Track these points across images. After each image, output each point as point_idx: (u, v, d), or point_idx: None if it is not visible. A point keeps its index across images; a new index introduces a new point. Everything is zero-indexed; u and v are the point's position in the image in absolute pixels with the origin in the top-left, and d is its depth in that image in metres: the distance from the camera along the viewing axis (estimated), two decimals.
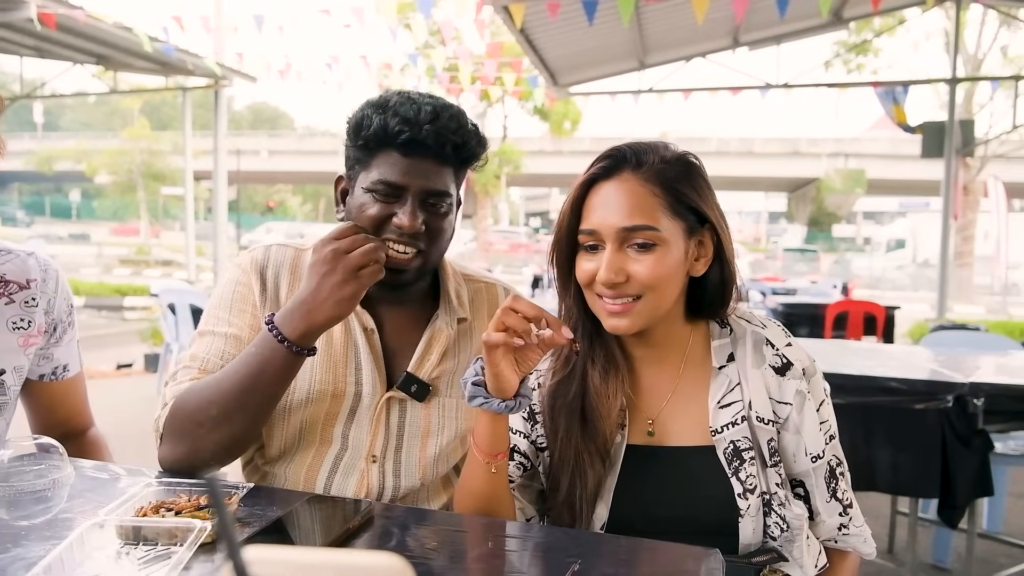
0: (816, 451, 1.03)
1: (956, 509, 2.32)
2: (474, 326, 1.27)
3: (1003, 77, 14.38)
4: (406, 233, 1.12)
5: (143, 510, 0.86)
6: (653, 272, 0.96)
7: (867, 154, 30.36)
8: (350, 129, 1.14)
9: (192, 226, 13.07)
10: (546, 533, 0.91)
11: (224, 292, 1.22)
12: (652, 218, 0.96)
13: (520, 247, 30.73)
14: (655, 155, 1.00)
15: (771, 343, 1.05)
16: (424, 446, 1.22)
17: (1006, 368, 2.66)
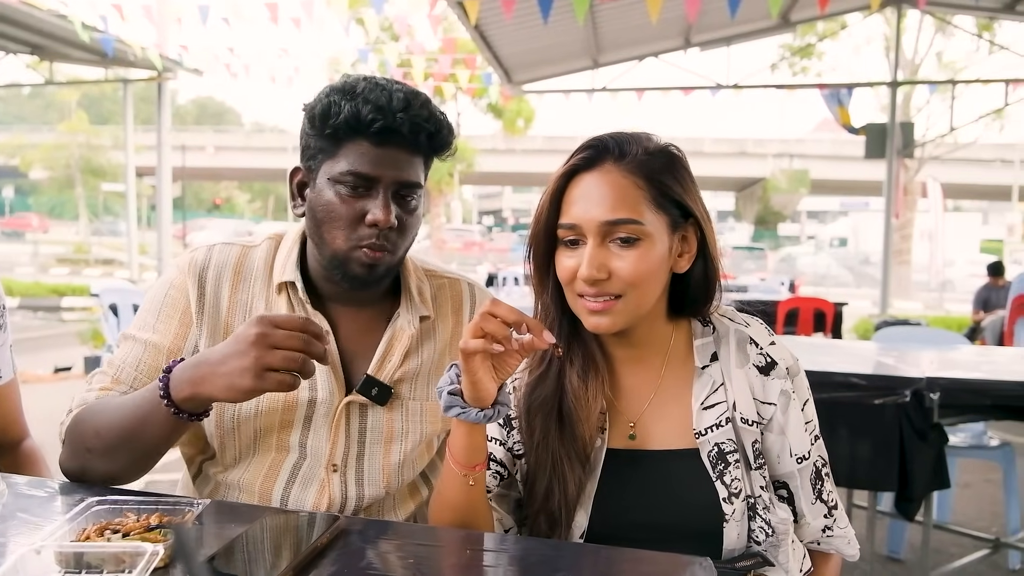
0: (802, 452, 1.01)
1: (913, 502, 2.36)
2: (437, 324, 1.21)
3: (941, 81, 14.96)
4: (380, 229, 1.05)
5: (86, 533, 0.78)
6: (636, 268, 0.92)
7: (811, 155, 31.22)
8: (314, 117, 1.06)
9: (134, 223, 12.61)
10: (526, 545, 0.86)
11: (156, 295, 1.14)
12: (636, 211, 0.92)
13: (474, 245, 30.64)
14: (638, 146, 0.96)
15: (755, 342, 1.01)
16: (387, 452, 1.15)
17: (958, 362, 2.73)
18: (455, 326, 1.22)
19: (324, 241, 1.07)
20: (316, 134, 1.07)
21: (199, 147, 30.57)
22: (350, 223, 1.05)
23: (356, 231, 1.05)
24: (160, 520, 0.82)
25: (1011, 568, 2.87)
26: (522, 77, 10.68)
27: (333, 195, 1.05)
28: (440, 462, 1.27)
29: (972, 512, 3.46)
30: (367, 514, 1.16)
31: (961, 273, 21.02)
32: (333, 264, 1.08)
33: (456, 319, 1.22)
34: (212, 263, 1.15)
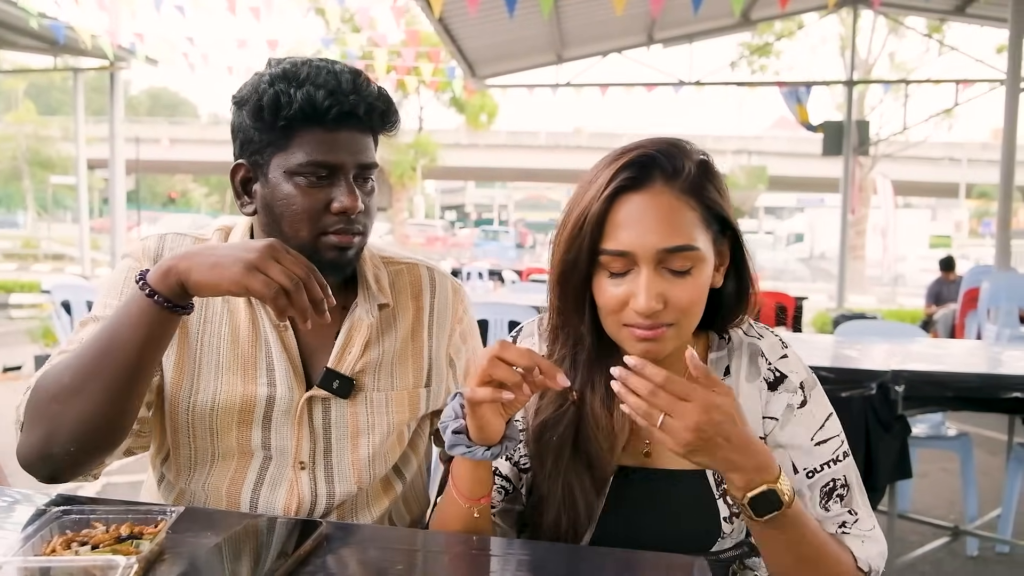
0: (811, 465, 0.94)
1: (876, 491, 2.41)
2: (397, 312, 1.17)
3: (895, 80, 15.36)
4: (348, 216, 1.02)
5: (51, 546, 0.74)
6: (692, 297, 0.86)
7: (768, 152, 31.79)
8: (261, 108, 1.00)
9: (86, 217, 12.21)
10: (526, 549, 0.83)
11: (115, 278, 1.10)
12: (692, 236, 0.85)
13: (437, 240, 30.47)
14: (686, 160, 0.88)
15: (765, 355, 0.97)
16: (356, 447, 1.11)
17: (919, 355, 2.79)
18: (416, 312, 1.18)
19: (287, 236, 1.03)
20: (263, 127, 1.01)
21: (153, 139, 29.76)
22: (315, 214, 1.02)
23: (322, 221, 1.02)
24: (131, 530, 0.78)
25: (969, 555, 2.95)
26: (486, 71, 10.63)
27: (292, 188, 1.01)
28: (413, 454, 1.24)
29: (930, 501, 3.55)
30: (340, 512, 1.13)
31: (912, 268, 21.66)
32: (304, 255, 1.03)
33: (416, 305, 1.19)
34: (166, 249, 1.11)
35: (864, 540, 0.92)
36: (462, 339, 1.23)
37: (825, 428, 0.95)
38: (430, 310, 1.19)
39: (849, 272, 12.51)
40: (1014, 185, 6.63)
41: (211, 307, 1.10)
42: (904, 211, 32.64)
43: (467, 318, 1.25)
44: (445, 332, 1.20)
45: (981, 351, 3.24)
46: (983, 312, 5.99)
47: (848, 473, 0.95)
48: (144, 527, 0.79)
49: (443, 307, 1.20)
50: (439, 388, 1.19)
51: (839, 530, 0.93)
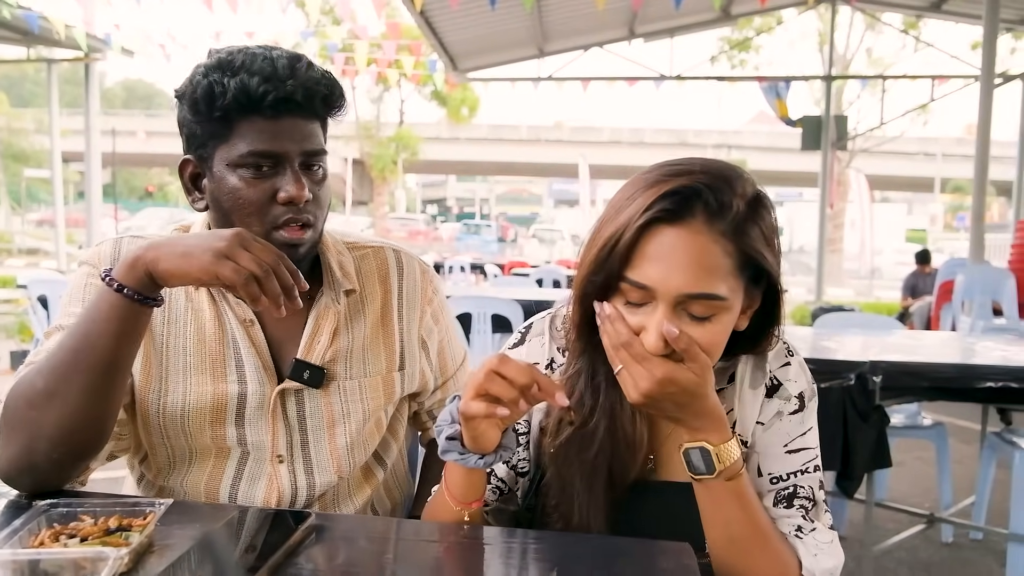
0: (778, 472, 0.92)
1: (854, 480, 2.46)
2: (365, 296, 1.15)
3: (872, 76, 15.53)
4: (296, 205, 0.99)
5: (39, 539, 0.73)
6: (709, 343, 0.81)
7: (748, 146, 32.03)
8: (196, 101, 0.97)
9: (62, 211, 12.01)
10: (519, 538, 0.84)
11: (75, 287, 1.07)
12: (720, 285, 0.79)
13: (419, 234, 30.35)
14: (732, 196, 0.80)
15: (769, 362, 0.94)
16: (332, 436, 1.11)
17: (895, 346, 2.84)
18: (384, 296, 1.17)
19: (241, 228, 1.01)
20: (202, 120, 0.99)
21: (129, 132, 29.32)
22: (262, 206, 0.99)
23: (270, 213, 0.99)
24: (119, 523, 0.78)
25: (944, 541, 3.02)
26: (467, 65, 10.60)
27: (236, 180, 0.99)
28: (392, 440, 1.23)
29: (906, 489, 3.61)
30: (322, 503, 1.13)
31: (889, 261, 21.94)
32: None
33: (384, 288, 1.17)
34: (123, 252, 1.08)
35: (817, 553, 0.87)
36: (434, 320, 1.22)
37: (802, 439, 0.93)
38: (399, 293, 1.18)
39: (827, 265, 12.66)
40: (987, 180, 6.75)
41: (174, 307, 1.07)
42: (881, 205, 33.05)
43: (437, 298, 1.23)
44: (416, 314, 1.19)
45: (956, 342, 3.30)
46: (958, 304, 6.10)
47: (814, 487, 0.92)
48: (133, 520, 0.78)
49: (412, 289, 1.19)
50: (413, 371, 1.18)
51: (793, 533, 0.89)
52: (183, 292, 1.08)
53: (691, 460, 0.84)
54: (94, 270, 1.07)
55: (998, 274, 6.10)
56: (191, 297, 1.08)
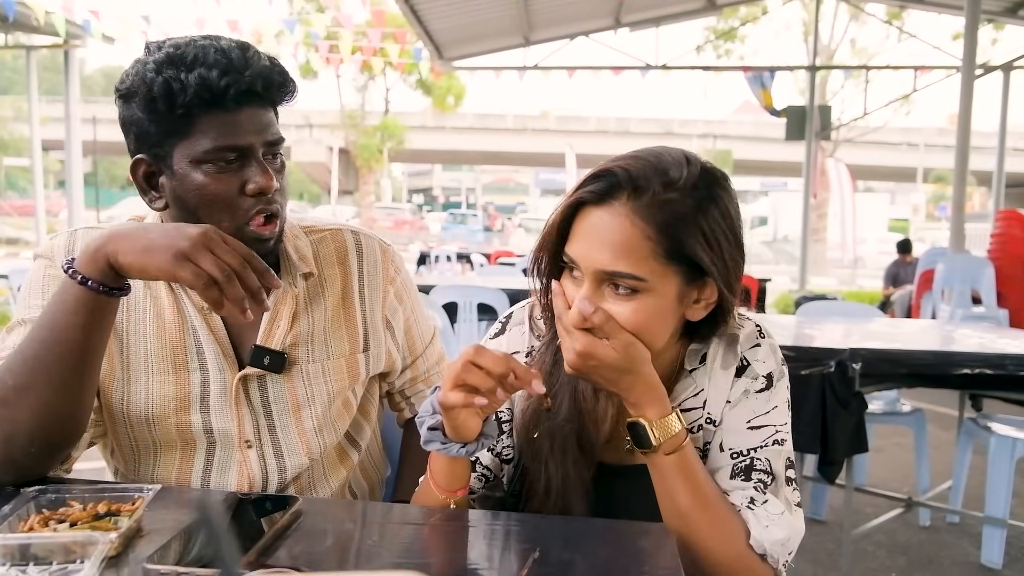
0: (740, 447, 0.93)
1: (835, 465, 2.50)
2: (324, 279, 1.14)
3: (856, 66, 15.63)
4: (265, 196, 0.99)
5: (29, 524, 0.74)
6: (631, 320, 0.84)
7: (733, 136, 32.13)
8: (156, 99, 0.94)
9: (42, 200, 11.85)
10: (501, 520, 0.86)
11: (33, 280, 1.06)
12: (639, 265, 0.82)
13: (405, 224, 30.24)
14: (659, 180, 0.83)
15: (740, 343, 0.96)
16: (299, 420, 1.11)
17: (875, 334, 2.88)
18: (344, 277, 1.16)
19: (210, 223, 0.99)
20: (158, 118, 0.96)
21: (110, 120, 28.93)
22: (231, 200, 0.99)
23: (240, 206, 0.99)
24: (108, 508, 0.79)
25: (922, 525, 3.08)
26: (453, 53, 10.55)
27: (202, 176, 0.97)
28: (364, 421, 1.24)
29: (885, 474, 3.68)
30: (297, 485, 1.14)
31: (871, 250, 22.15)
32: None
33: (343, 270, 1.17)
34: (78, 243, 1.07)
35: (768, 525, 0.88)
36: (397, 299, 1.22)
37: (766, 416, 0.94)
38: (359, 274, 1.17)
39: (811, 255, 12.77)
40: (968, 170, 6.83)
41: (133, 295, 1.07)
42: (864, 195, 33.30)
43: (400, 277, 1.23)
44: (378, 294, 1.19)
45: (935, 330, 3.36)
46: (938, 293, 6.19)
47: (774, 460, 0.93)
48: (121, 505, 0.80)
49: (373, 269, 1.18)
50: (378, 351, 1.18)
51: (745, 505, 0.90)
52: (139, 281, 1.06)
53: (634, 434, 0.88)
54: (51, 263, 1.06)
55: (977, 263, 6.19)
56: (149, 285, 1.08)
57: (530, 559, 0.69)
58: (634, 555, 0.77)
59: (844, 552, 2.65)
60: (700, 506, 0.87)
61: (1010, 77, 9.75)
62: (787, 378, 0.97)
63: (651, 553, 0.77)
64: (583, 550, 0.77)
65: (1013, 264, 6.07)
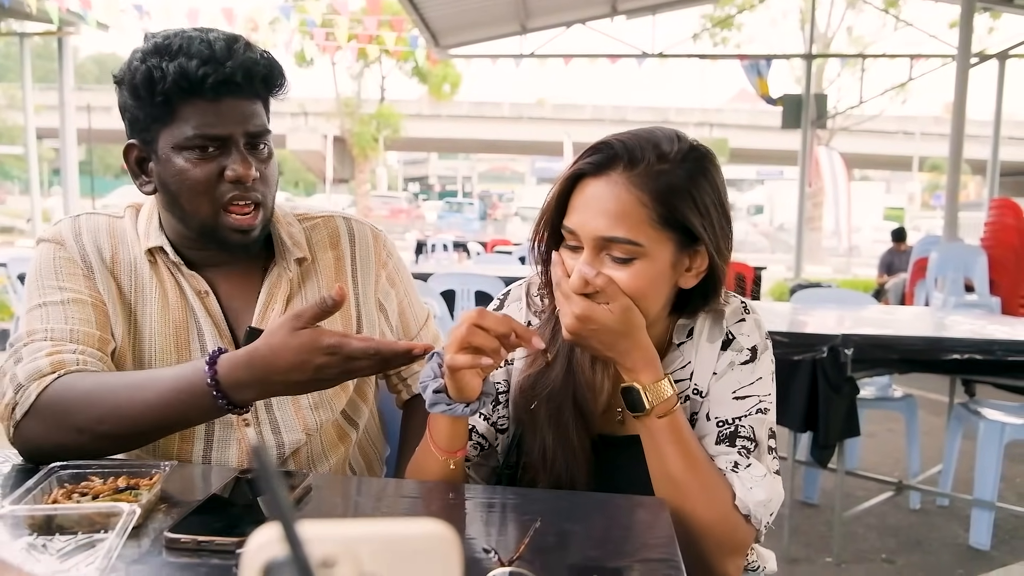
0: (726, 416, 0.97)
1: (827, 449, 2.55)
2: (318, 265, 1.18)
3: (852, 55, 15.61)
4: (243, 184, 1.02)
5: (53, 496, 0.77)
6: (629, 286, 0.89)
7: (729, 124, 32.09)
8: (136, 87, 0.99)
9: (37, 189, 11.81)
10: (501, 494, 0.90)
11: (42, 264, 1.09)
12: (635, 230, 0.87)
13: (401, 213, 30.19)
14: (652, 152, 0.89)
15: (726, 319, 1.01)
16: (295, 398, 1.15)
17: (868, 320, 2.92)
18: (336, 261, 1.20)
19: (187, 213, 1.04)
20: (144, 104, 1.00)
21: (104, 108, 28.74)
22: (209, 186, 1.02)
23: (217, 192, 1.02)
24: (128, 482, 0.82)
25: (912, 508, 3.13)
26: (449, 41, 10.51)
27: (183, 162, 1.01)
28: (361, 401, 1.28)
29: (877, 459, 3.73)
30: (296, 460, 1.17)
31: (867, 239, 22.22)
32: (203, 234, 1.06)
33: (335, 252, 1.20)
34: (84, 228, 1.11)
35: (752, 487, 0.93)
36: (390, 283, 1.25)
37: (752, 387, 0.98)
38: (351, 258, 1.21)
39: (806, 243, 12.82)
40: (962, 159, 6.86)
41: (140, 275, 1.11)
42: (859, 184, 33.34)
43: (392, 261, 1.26)
44: (371, 278, 1.22)
45: (927, 316, 3.41)
46: (931, 281, 6.24)
47: (758, 428, 0.97)
48: (140, 479, 0.83)
49: (365, 254, 1.22)
50: (372, 334, 1.22)
51: (730, 469, 0.95)
52: (146, 262, 1.11)
53: (628, 399, 0.92)
54: (60, 247, 1.09)
55: (970, 252, 6.24)
56: (155, 267, 1.11)
57: (531, 529, 0.73)
58: (631, 526, 0.81)
59: (835, 534, 2.70)
60: (689, 469, 0.91)
61: (1006, 66, 9.77)
62: (771, 351, 1.02)
63: (648, 523, 0.81)
64: (582, 521, 0.80)
65: (1006, 252, 6.12)
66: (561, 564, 0.69)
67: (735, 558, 0.94)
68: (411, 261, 8.96)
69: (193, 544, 0.71)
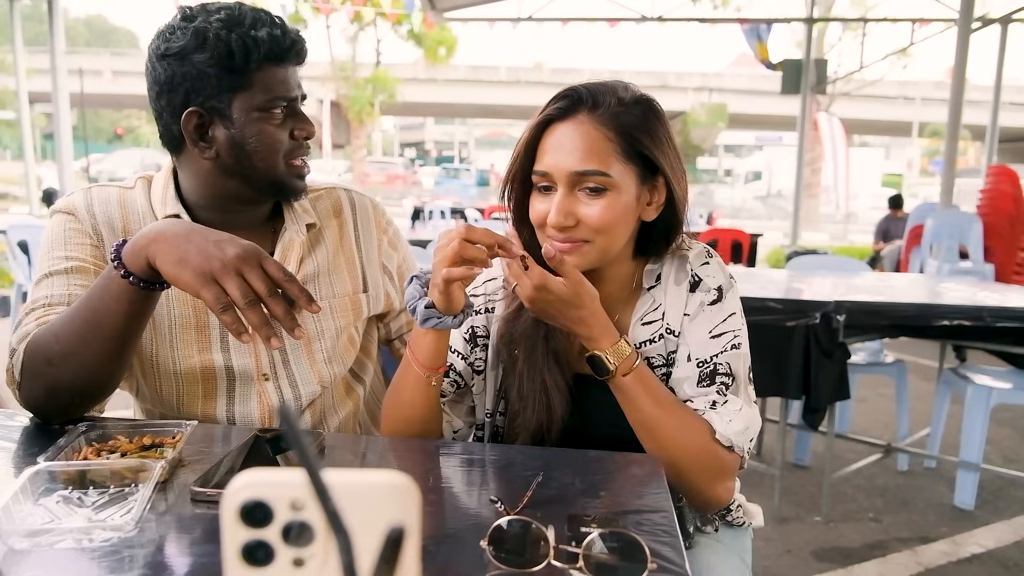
0: (704, 356, 1.04)
1: (818, 412, 2.61)
2: (323, 229, 1.27)
3: (853, 19, 15.43)
4: (309, 140, 1.15)
5: (83, 453, 0.82)
6: (603, 217, 0.96)
7: (729, 89, 31.80)
8: (232, 54, 1.05)
9: (31, 154, 11.73)
10: (504, 451, 0.95)
11: (54, 234, 1.15)
12: (604, 163, 0.96)
13: (397, 178, 30.07)
14: (612, 96, 0.98)
15: (691, 262, 1.08)
16: (311, 352, 1.23)
17: (861, 287, 2.97)
18: (340, 227, 1.29)
19: (258, 170, 1.11)
20: (225, 72, 1.06)
21: (95, 72, 28.36)
22: (282, 144, 1.11)
23: (292, 151, 1.13)
24: (152, 441, 0.87)
25: (900, 469, 3.22)
26: (446, 4, 10.37)
27: (263, 124, 1.09)
28: (367, 359, 1.37)
29: (867, 422, 3.82)
30: (311, 412, 1.25)
31: (864, 206, 22.22)
32: (268, 188, 1.14)
33: (338, 221, 1.29)
34: (95, 200, 1.17)
35: (731, 419, 1.00)
36: (392, 247, 1.36)
37: (725, 323, 1.05)
38: (353, 225, 1.31)
39: (804, 210, 12.81)
40: (961, 126, 6.86)
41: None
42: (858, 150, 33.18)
43: (391, 228, 1.37)
44: (373, 243, 1.32)
45: (920, 283, 3.45)
46: (926, 248, 6.28)
47: (734, 362, 1.04)
48: (164, 438, 0.88)
49: (366, 221, 1.32)
50: (377, 293, 1.32)
51: (708, 407, 1.01)
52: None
53: (594, 365, 0.99)
54: (72, 217, 1.15)
55: (965, 219, 6.27)
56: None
57: (534, 483, 0.78)
58: (626, 480, 0.86)
59: (824, 494, 2.79)
60: (663, 411, 0.98)
61: (1008, 30, 9.68)
62: (736, 290, 1.09)
63: (642, 478, 0.86)
64: (581, 475, 0.86)
65: (1001, 219, 6.16)
66: (561, 513, 0.74)
67: (723, 482, 1.02)
68: (408, 227, 8.96)
69: (217, 497, 0.76)
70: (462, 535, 0.71)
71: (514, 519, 0.68)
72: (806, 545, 2.55)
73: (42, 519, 0.69)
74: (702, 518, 1.15)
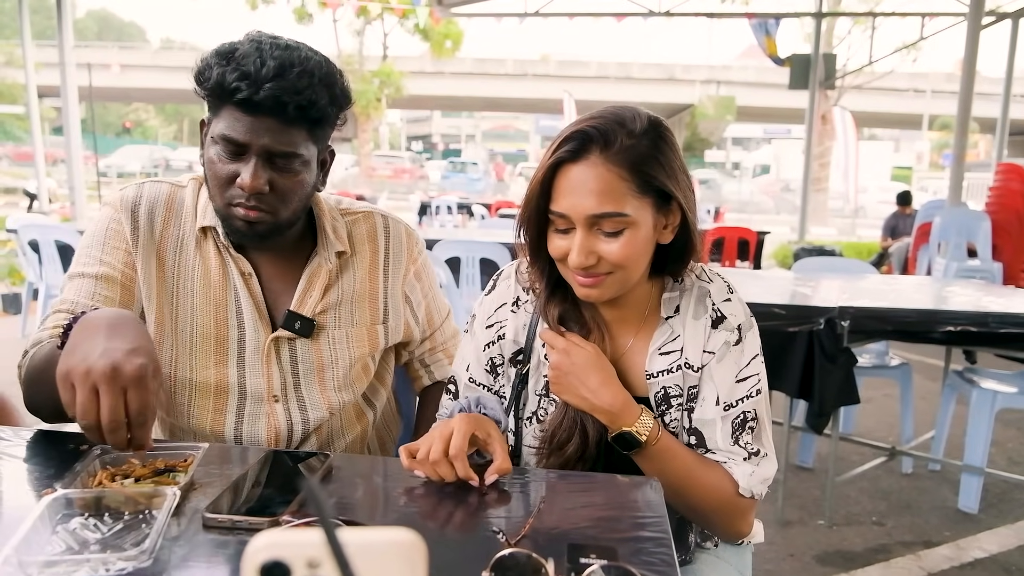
0: (729, 400, 1.06)
1: (822, 417, 2.62)
2: (356, 259, 1.27)
3: (862, 13, 15.31)
4: (247, 193, 1.08)
5: (98, 478, 0.84)
6: (623, 253, 0.99)
7: (737, 82, 31.62)
8: (196, 76, 1.09)
9: (41, 149, 11.78)
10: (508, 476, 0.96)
11: (97, 230, 1.20)
12: (620, 203, 0.97)
13: (404, 172, 30.04)
14: (622, 131, 0.98)
15: (712, 297, 1.09)
16: (322, 379, 1.24)
17: (866, 291, 2.97)
18: (372, 255, 1.29)
19: (211, 195, 1.14)
20: (215, 95, 1.08)
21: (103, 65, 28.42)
22: (224, 183, 1.10)
23: (229, 191, 1.10)
24: (166, 464, 0.89)
25: (904, 472, 3.23)
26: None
27: (213, 154, 1.10)
28: (380, 386, 1.38)
29: (872, 424, 3.83)
30: (318, 436, 1.27)
31: (872, 200, 22.08)
32: (220, 217, 1.16)
33: (372, 248, 1.29)
34: (144, 198, 1.20)
35: (754, 472, 1.05)
36: (416, 278, 1.36)
37: (749, 367, 1.07)
38: (385, 252, 1.30)
39: (812, 204, 12.76)
40: (970, 122, 6.81)
41: (185, 251, 1.20)
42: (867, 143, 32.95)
43: (421, 259, 1.37)
44: (400, 272, 1.31)
45: (926, 287, 3.45)
46: (934, 246, 6.26)
47: (759, 407, 1.07)
48: (176, 462, 0.90)
49: (398, 249, 1.32)
50: (396, 323, 1.32)
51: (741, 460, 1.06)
52: (193, 239, 1.20)
53: (623, 444, 1.03)
54: (116, 214, 1.19)
55: (974, 216, 6.24)
56: (199, 244, 1.20)
57: (535, 509, 0.79)
58: (626, 506, 0.88)
59: (828, 497, 2.80)
60: (687, 475, 1.03)
61: (1019, 24, 9.59)
62: (756, 329, 1.11)
63: (641, 504, 0.88)
64: (582, 496, 0.88)
65: (1010, 217, 6.13)
66: (561, 542, 0.76)
67: (742, 522, 1.09)
68: (415, 223, 8.98)
69: (229, 523, 0.78)
70: (464, 565, 0.73)
71: (515, 551, 0.70)
72: (809, 549, 2.56)
73: (59, 547, 0.72)
74: (702, 533, 1.17)
